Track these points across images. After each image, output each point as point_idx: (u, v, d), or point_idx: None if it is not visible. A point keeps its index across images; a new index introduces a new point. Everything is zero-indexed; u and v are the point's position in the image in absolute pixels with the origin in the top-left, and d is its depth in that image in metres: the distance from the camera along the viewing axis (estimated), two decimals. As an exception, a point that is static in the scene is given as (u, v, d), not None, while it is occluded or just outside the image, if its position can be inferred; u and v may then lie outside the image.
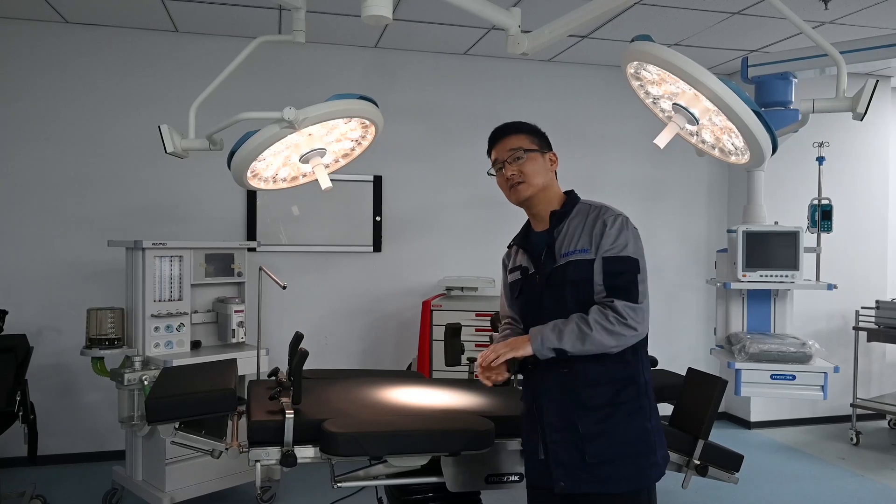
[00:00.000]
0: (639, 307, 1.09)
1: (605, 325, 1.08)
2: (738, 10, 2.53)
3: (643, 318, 1.10)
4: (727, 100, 1.15)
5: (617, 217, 1.15)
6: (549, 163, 1.26)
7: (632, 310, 1.08)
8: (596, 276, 1.12)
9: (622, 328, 1.08)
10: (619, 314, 1.08)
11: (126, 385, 2.08)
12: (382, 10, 1.26)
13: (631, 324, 1.08)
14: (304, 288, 2.96)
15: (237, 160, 1.34)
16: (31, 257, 2.70)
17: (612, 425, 1.10)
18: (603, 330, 1.08)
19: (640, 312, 1.09)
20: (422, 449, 1.23)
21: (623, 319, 1.08)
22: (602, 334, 1.07)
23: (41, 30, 2.70)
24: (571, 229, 1.17)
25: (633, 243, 1.13)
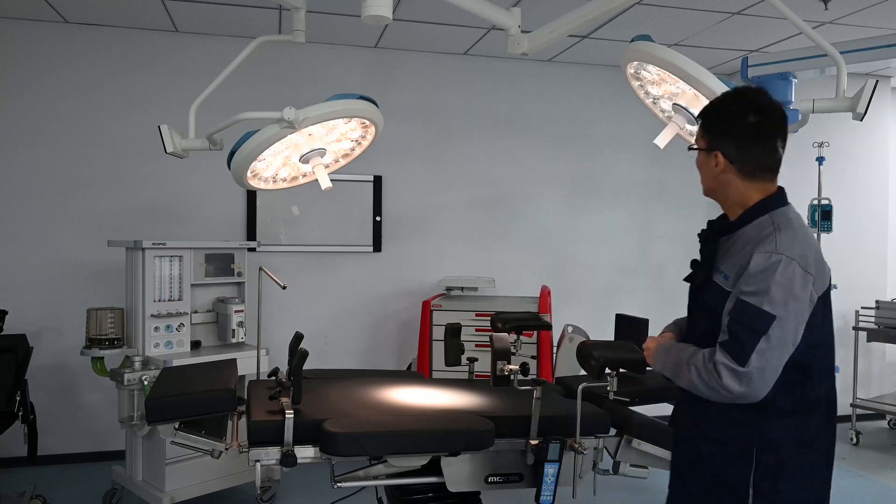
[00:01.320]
0: (742, 371, 0.91)
1: (701, 373, 0.95)
2: (738, 10, 2.53)
3: (747, 382, 0.91)
4: None
5: (771, 255, 0.92)
6: (716, 164, 1.03)
7: (730, 371, 0.91)
8: (725, 312, 0.96)
9: (716, 384, 0.93)
10: (716, 370, 0.93)
11: (126, 385, 2.08)
12: (382, 10, 1.26)
13: (727, 384, 0.92)
14: (304, 288, 2.96)
15: (237, 160, 1.34)
16: (31, 257, 2.70)
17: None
18: (697, 376, 0.96)
19: (742, 377, 0.91)
20: (422, 449, 1.23)
21: (718, 377, 0.93)
22: (695, 378, 0.96)
23: (41, 30, 2.70)
24: (737, 244, 1.00)
25: (779, 293, 0.90)
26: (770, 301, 0.90)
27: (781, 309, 0.90)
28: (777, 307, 0.90)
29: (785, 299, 0.90)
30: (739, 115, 1.00)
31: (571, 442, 1.31)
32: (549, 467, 1.28)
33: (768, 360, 0.91)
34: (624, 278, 3.36)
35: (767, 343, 0.91)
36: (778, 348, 0.91)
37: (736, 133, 1.00)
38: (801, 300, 0.91)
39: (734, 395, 0.93)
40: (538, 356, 2.53)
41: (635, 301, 3.30)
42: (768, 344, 0.91)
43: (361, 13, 1.28)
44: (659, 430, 1.42)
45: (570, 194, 3.31)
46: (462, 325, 1.84)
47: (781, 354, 0.92)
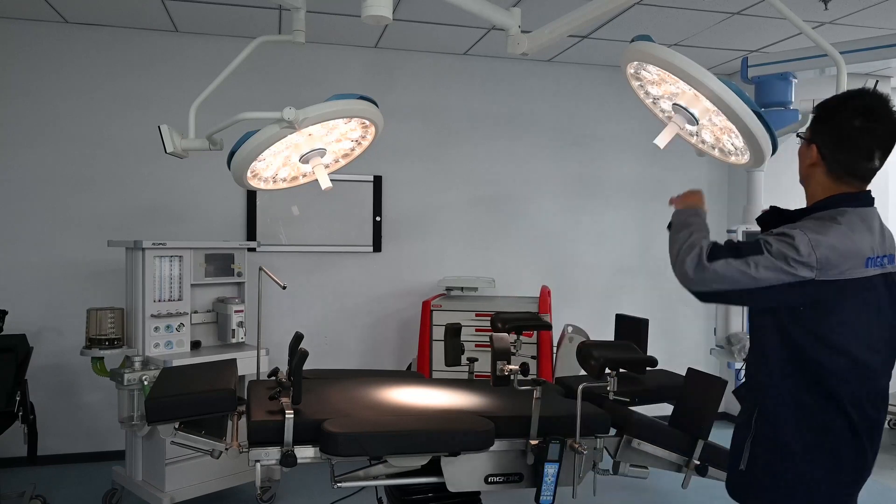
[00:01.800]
0: (704, 265, 0.95)
1: (685, 242, 0.99)
2: (738, 10, 2.53)
3: (697, 271, 0.95)
4: (727, 100, 1.15)
5: (795, 227, 0.96)
6: (809, 156, 1.02)
7: (697, 255, 0.96)
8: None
9: (684, 256, 0.98)
10: (694, 249, 0.97)
11: (126, 385, 2.08)
12: (382, 10, 1.26)
13: (687, 262, 0.97)
14: (303, 288, 2.95)
15: (237, 160, 1.34)
16: (30, 257, 2.70)
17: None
18: (684, 240, 1.00)
19: (699, 268, 0.95)
20: (422, 449, 1.24)
21: (689, 252, 0.98)
22: (680, 242, 1.01)
23: (41, 30, 2.70)
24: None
25: (780, 248, 0.93)
26: (769, 244, 0.94)
27: (772, 259, 0.93)
28: (771, 254, 0.93)
29: (784, 255, 0.92)
30: (847, 115, 0.99)
31: (571, 442, 1.31)
32: (549, 467, 1.28)
33: (724, 274, 0.95)
34: (624, 278, 3.36)
35: (736, 263, 0.94)
36: (738, 275, 0.94)
37: (836, 132, 1.00)
38: (787, 271, 0.93)
39: (681, 273, 0.99)
40: (538, 356, 2.53)
41: (635, 301, 3.30)
42: (734, 264, 0.94)
43: (361, 13, 1.28)
44: (659, 430, 1.42)
45: (570, 194, 3.31)
46: (462, 325, 1.84)
47: (737, 282, 0.95)
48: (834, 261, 0.92)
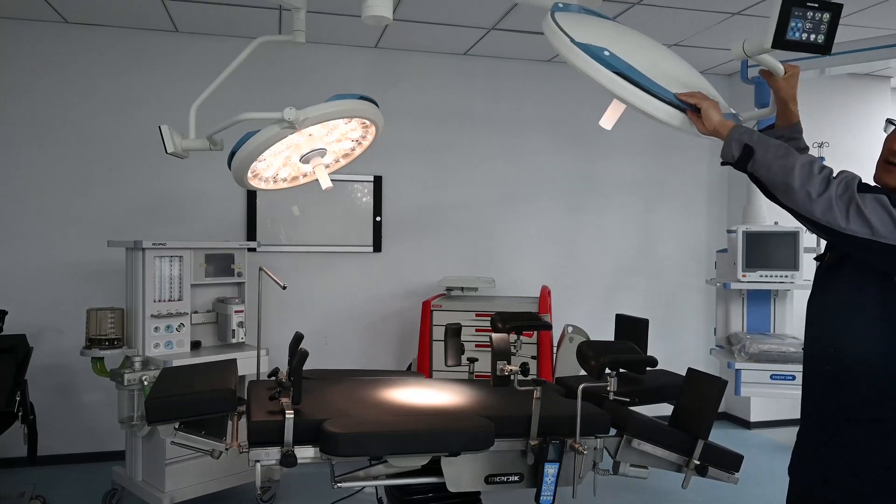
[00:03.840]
0: (858, 204, 0.85)
1: (815, 167, 0.88)
2: (737, 10, 2.54)
3: (852, 212, 0.85)
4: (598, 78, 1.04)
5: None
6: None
7: (846, 187, 0.85)
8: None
9: (820, 184, 0.86)
10: (846, 183, 0.87)
11: (126, 385, 2.08)
12: (383, 10, 1.26)
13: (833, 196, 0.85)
14: (304, 288, 2.95)
15: (238, 160, 1.34)
16: (30, 257, 2.70)
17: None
18: (807, 167, 0.88)
19: (853, 207, 0.85)
20: (422, 449, 1.23)
21: (831, 177, 0.87)
22: (800, 165, 0.88)
23: (41, 30, 2.70)
24: None
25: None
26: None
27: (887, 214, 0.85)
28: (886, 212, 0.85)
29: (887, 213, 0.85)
30: None
31: (571, 442, 1.31)
32: (550, 467, 1.28)
33: (863, 211, 0.85)
34: (624, 278, 3.36)
35: (887, 207, 0.85)
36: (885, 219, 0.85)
37: None
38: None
39: (813, 192, 0.87)
40: (538, 356, 2.53)
41: (635, 301, 3.30)
42: (885, 209, 0.86)
43: (362, 13, 1.28)
44: (659, 430, 1.42)
45: (571, 194, 3.31)
46: (462, 325, 1.84)
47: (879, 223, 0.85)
48: None
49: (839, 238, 0.88)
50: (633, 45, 1.17)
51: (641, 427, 1.40)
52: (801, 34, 1.00)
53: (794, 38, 1.00)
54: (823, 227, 0.88)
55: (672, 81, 1.11)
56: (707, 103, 1.06)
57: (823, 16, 0.99)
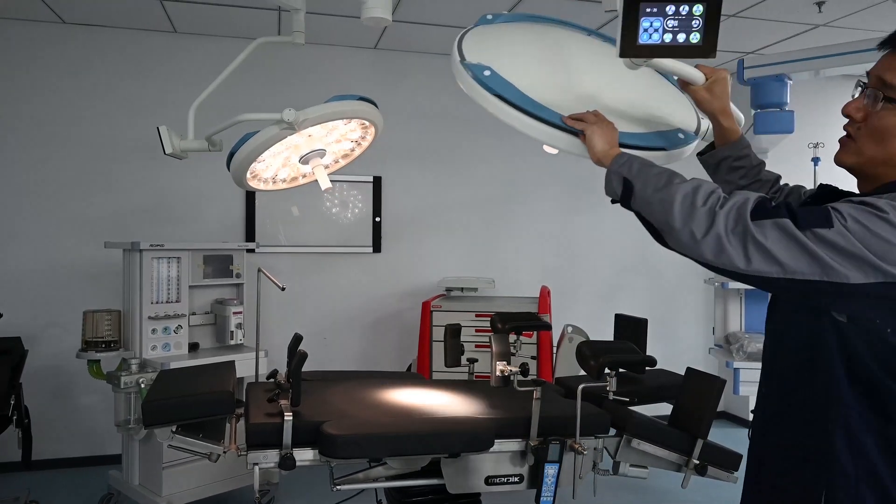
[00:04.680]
0: (750, 229, 0.63)
1: (699, 197, 0.67)
2: (734, 12, 2.55)
3: (734, 240, 0.63)
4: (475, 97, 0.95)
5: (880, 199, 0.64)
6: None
7: (737, 210, 0.64)
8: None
9: (704, 219, 0.65)
10: (726, 199, 0.67)
11: (123, 388, 2.07)
12: (382, 11, 1.26)
13: (720, 214, 0.64)
14: (303, 289, 2.95)
15: (237, 161, 1.34)
16: (26, 259, 2.68)
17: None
18: (689, 197, 0.67)
19: (740, 233, 0.63)
20: (421, 451, 1.23)
21: (718, 203, 0.66)
22: (681, 198, 0.68)
23: (38, 30, 2.69)
24: None
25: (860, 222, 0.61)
26: (841, 215, 0.62)
27: (848, 236, 0.61)
28: (847, 229, 0.61)
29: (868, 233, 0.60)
30: None
31: (571, 442, 1.31)
32: (550, 468, 1.28)
33: (763, 245, 0.62)
34: (623, 278, 3.36)
35: (793, 235, 0.61)
36: (794, 250, 0.61)
37: None
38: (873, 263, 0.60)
39: (697, 231, 0.66)
40: (538, 357, 2.53)
41: (635, 301, 3.31)
42: (792, 237, 0.61)
43: (361, 15, 1.28)
44: (659, 429, 1.42)
45: (570, 194, 3.31)
46: (462, 325, 1.84)
47: (789, 266, 0.62)
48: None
49: (747, 281, 0.66)
50: (554, 58, 1.00)
51: (641, 427, 1.40)
52: (664, 35, 0.77)
53: (653, 41, 0.78)
54: (724, 271, 0.66)
55: (586, 102, 0.93)
56: (592, 128, 0.86)
57: (693, 8, 0.76)
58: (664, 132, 1.00)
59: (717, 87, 0.90)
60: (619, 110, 0.98)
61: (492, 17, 1.13)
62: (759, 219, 0.64)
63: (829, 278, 0.62)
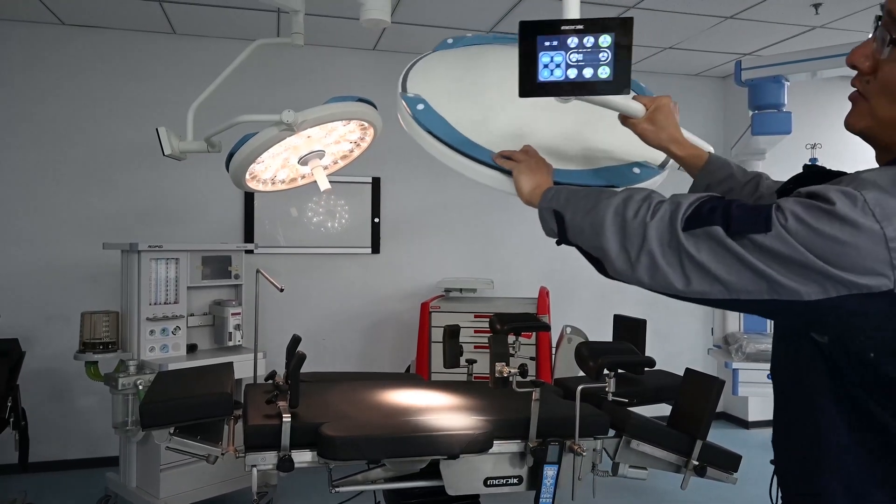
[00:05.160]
0: (690, 251, 0.52)
1: (629, 209, 0.58)
2: (731, 14, 2.56)
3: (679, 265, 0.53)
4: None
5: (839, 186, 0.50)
6: None
7: (669, 223, 0.54)
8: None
9: (636, 234, 0.56)
10: (656, 209, 0.56)
11: (120, 390, 2.06)
12: (381, 13, 1.27)
13: (647, 237, 0.54)
14: (301, 290, 2.94)
15: (236, 162, 1.34)
16: (24, 260, 2.67)
17: None
18: (619, 212, 0.58)
19: (683, 256, 0.52)
20: (420, 452, 1.23)
21: (648, 219, 0.55)
22: (612, 215, 0.59)
23: (37, 32, 2.69)
24: None
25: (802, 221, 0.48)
26: (782, 213, 0.48)
27: (789, 240, 0.47)
28: (788, 231, 0.47)
29: (813, 234, 0.47)
30: None
31: (570, 444, 1.31)
32: (549, 469, 1.27)
33: (697, 259, 0.51)
34: (621, 280, 3.37)
35: (725, 245, 0.50)
36: (730, 264, 0.50)
37: None
38: (820, 268, 0.46)
39: (631, 249, 0.56)
40: (537, 357, 2.53)
41: (633, 302, 3.31)
42: (724, 247, 0.50)
43: (360, 17, 1.28)
44: (658, 430, 1.42)
45: (567, 197, 3.32)
46: (461, 326, 1.84)
47: (721, 282, 0.50)
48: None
49: (696, 302, 0.56)
50: (498, 87, 0.89)
51: (640, 428, 1.40)
52: (568, 71, 0.67)
53: (556, 78, 0.68)
54: (665, 293, 0.55)
55: (524, 136, 0.85)
56: (520, 167, 0.80)
57: (600, 40, 0.66)
58: (615, 167, 0.87)
59: (658, 116, 0.80)
60: (557, 145, 0.88)
61: (452, 42, 1.05)
62: (693, 228, 0.52)
63: (779, 296, 0.48)
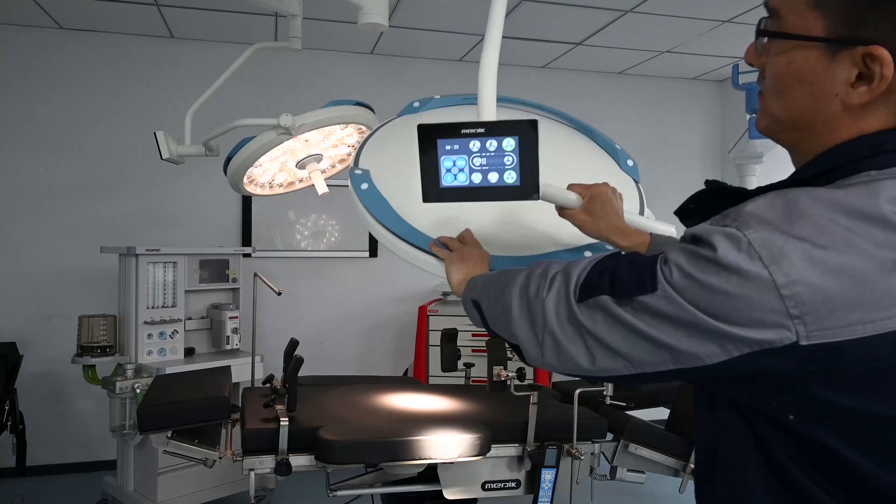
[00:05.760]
0: (586, 325, 0.47)
1: (531, 285, 0.53)
2: (728, 18, 2.58)
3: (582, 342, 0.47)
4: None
5: (725, 225, 0.42)
6: (841, 74, 0.43)
7: (564, 295, 0.48)
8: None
9: (538, 313, 0.50)
10: (552, 283, 0.50)
11: (118, 393, 2.06)
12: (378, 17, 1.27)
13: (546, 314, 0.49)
14: (299, 294, 2.94)
15: (234, 166, 1.34)
16: (21, 263, 2.67)
17: None
18: (523, 291, 0.54)
19: (583, 331, 0.47)
20: (418, 456, 1.23)
21: (545, 294, 0.50)
22: (518, 295, 0.54)
23: (36, 36, 2.69)
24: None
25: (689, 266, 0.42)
26: (667, 266, 0.42)
27: (677, 300, 0.41)
28: (674, 287, 0.41)
29: (697, 287, 0.40)
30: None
31: (568, 447, 1.31)
32: (547, 473, 1.27)
33: (594, 333, 0.46)
34: (619, 283, 3.37)
35: (614, 315, 0.45)
36: (625, 335, 0.44)
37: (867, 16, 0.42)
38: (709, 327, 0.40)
39: (537, 331, 0.50)
40: (535, 361, 2.53)
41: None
42: (613, 317, 0.45)
43: (358, 20, 1.29)
44: (656, 434, 1.42)
45: (566, 199, 3.33)
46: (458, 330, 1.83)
47: (624, 345, 0.44)
48: (838, 300, 0.38)
49: (610, 381, 0.50)
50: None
51: (638, 432, 1.40)
52: (472, 175, 0.63)
53: (459, 183, 0.64)
54: (577, 376, 0.50)
55: (467, 219, 0.78)
56: (451, 257, 0.75)
57: (504, 143, 0.61)
58: (561, 254, 0.80)
59: (594, 206, 0.73)
60: (496, 232, 0.81)
61: (418, 104, 1.00)
62: (586, 298, 0.47)
63: (682, 364, 0.42)
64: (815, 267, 0.38)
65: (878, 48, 0.41)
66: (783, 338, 0.39)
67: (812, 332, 0.38)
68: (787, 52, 0.46)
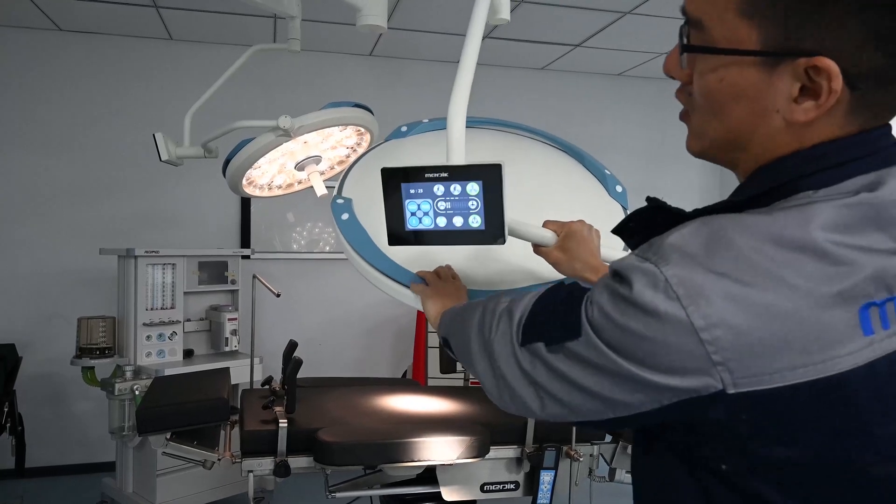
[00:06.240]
0: (527, 370, 0.44)
1: (486, 322, 0.51)
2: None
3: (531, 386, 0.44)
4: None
5: (644, 260, 0.38)
6: (782, 89, 0.38)
7: (508, 336, 0.47)
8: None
9: (494, 352, 0.48)
10: (499, 320, 0.49)
11: (117, 395, 2.06)
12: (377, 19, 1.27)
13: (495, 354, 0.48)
14: (298, 295, 2.94)
15: (233, 168, 1.34)
16: (20, 265, 2.67)
17: None
18: (480, 328, 0.52)
19: (527, 375, 0.45)
20: (417, 458, 1.23)
21: (494, 332, 0.49)
22: (475, 332, 0.52)
23: (34, 37, 2.69)
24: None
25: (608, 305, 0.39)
26: (590, 308, 0.40)
27: (599, 347, 0.39)
28: (596, 331, 0.39)
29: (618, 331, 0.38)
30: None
31: (567, 449, 1.31)
32: (545, 475, 1.27)
33: (535, 379, 0.44)
34: (618, 284, 3.37)
35: (547, 362, 0.43)
36: (560, 383, 0.42)
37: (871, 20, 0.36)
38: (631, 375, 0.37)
39: (494, 371, 0.49)
40: (534, 362, 2.53)
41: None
42: (547, 365, 0.42)
43: (356, 22, 1.29)
44: (654, 436, 1.42)
45: (565, 201, 3.33)
46: (457, 331, 1.84)
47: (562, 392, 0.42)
48: (765, 344, 0.34)
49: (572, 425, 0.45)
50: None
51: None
52: (437, 219, 0.62)
53: (425, 227, 0.63)
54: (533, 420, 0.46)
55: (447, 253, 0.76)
56: (427, 291, 0.73)
57: (468, 187, 0.60)
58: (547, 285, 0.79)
59: (570, 244, 0.71)
60: (473, 267, 0.80)
61: (406, 129, 0.98)
62: (527, 342, 0.44)
63: (619, 413, 0.39)
64: (738, 307, 0.34)
65: (822, 59, 0.36)
66: (708, 385, 0.35)
67: (739, 379, 0.34)
68: (719, 69, 0.41)
